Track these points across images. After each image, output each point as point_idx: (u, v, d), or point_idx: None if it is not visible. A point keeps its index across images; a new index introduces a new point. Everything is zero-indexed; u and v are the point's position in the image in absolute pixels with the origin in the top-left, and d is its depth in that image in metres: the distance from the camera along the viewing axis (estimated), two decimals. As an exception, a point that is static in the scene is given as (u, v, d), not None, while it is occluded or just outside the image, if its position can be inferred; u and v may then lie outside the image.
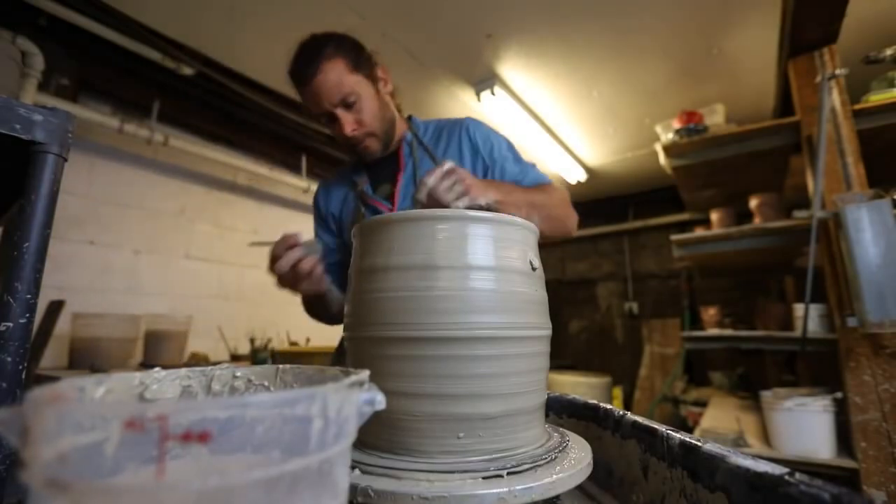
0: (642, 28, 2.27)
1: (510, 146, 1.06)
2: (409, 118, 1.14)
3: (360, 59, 0.98)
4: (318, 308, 1.06)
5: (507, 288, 0.46)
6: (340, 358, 1.10)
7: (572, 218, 0.97)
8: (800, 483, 0.30)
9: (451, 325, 0.43)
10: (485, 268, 0.45)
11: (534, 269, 0.49)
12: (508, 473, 0.39)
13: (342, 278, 1.06)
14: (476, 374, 0.43)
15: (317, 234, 1.16)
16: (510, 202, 0.80)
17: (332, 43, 0.96)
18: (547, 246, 0.90)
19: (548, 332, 0.50)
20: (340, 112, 0.96)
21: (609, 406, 0.59)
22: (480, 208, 0.74)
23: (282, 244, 0.83)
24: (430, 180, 0.72)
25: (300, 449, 0.20)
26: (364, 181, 1.09)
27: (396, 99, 1.10)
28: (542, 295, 0.50)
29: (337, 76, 0.94)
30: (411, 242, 0.46)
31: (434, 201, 0.72)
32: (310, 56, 0.95)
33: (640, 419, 0.52)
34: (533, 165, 1.05)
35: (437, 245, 0.45)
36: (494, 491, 0.36)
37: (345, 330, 0.51)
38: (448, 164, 0.74)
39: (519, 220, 0.50)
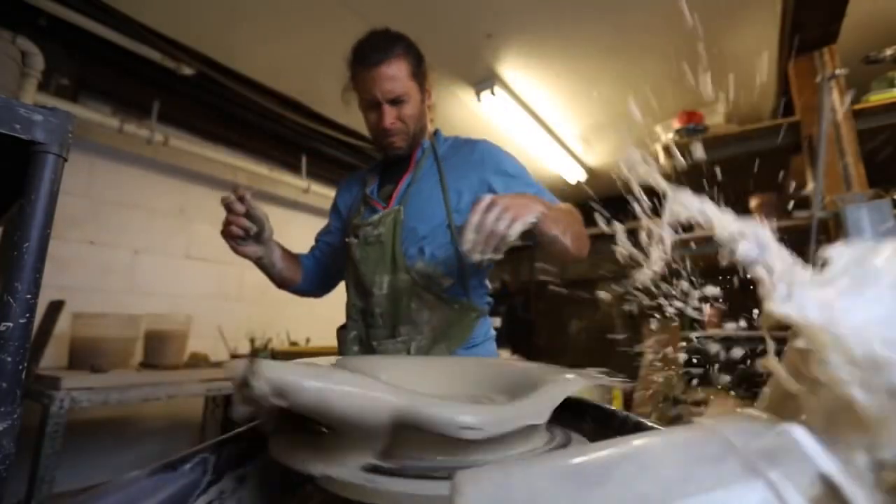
0: (642, 28, 2.27)
1: (524, 169, 1.08)
2: (436, 132, 1.18)
3: (420, 69, 1.05)
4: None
5: None
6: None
7: (588, 240, 0.97)
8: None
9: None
10: None
11: None
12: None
13: (332, 259, 1.21)
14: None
15: (330, 219, 1.25)
16: (552, 216, 0.79)
17: (404, 43, 1.03)
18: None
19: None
20: (387, 106, 1.01)
21: (610, 406, 0.59)
22: (528, 231, 0.75)
23: (233, 199, 0.91)
24: (475, 218, 0.70)
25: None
26: (374, 181, 1.14)
27: (432, 113, 1.16)
28: None
29: (399, 74, 1.00)
30: None
31: (484, 237, 0.70)
32: (383, 44, 1.00)
33: (642, 419, 0.52)
34: (546, 191, 1.04)
35: None
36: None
37: None
38: (486, 199, 0.72)
39: None
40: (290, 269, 1.12)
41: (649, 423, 0.50)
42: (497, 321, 4.59)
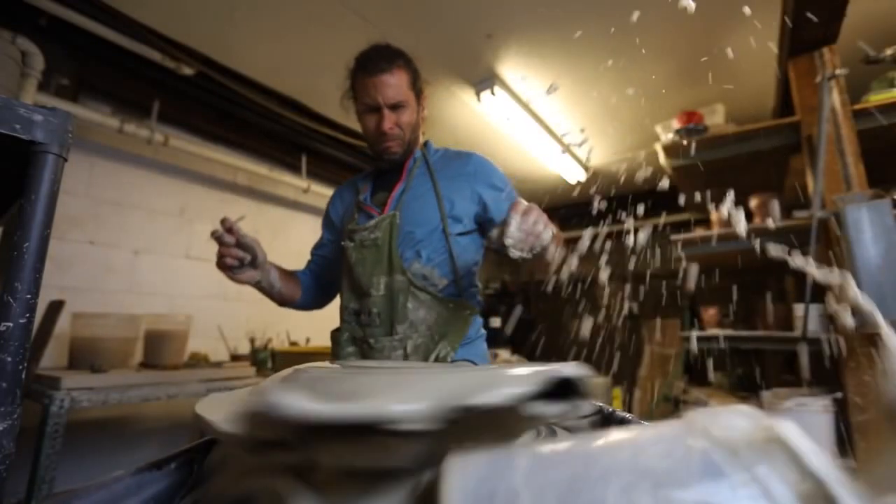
0: (642, 28, 2.26)
1: (509, 183, 1.17)
2: (426, 143, 1.25)
3: (417, 83, 1.15)
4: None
5: None
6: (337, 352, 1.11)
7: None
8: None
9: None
10: None
11: None
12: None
13: (328, 271, 1.26)
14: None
15: (322, 233, 1.30)
16: (557, 234, 0.90)
17: (405, 58, 1.13)
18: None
19: None
20: (387, 111, 1.08)
21: (610, 407, 0.59)
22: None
23: (222, 232, 0.95)
24: (517, 218, 0.79)
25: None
26: (366, 189, 1.19)
27: (424, 126, 1.24)
28: None
29: (400, 83, 1.09)
30: None
31: (527, 236, 0.80)
32: (385, 56, 1.09)
33: (626, 415, 0.52)
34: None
35: None
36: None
37: None
38: (523, 203, 0.81)
39: None
40: (289, 287, 1.16)
41: (633, 419, 0.50)
42: (497, 321, 4.59)
